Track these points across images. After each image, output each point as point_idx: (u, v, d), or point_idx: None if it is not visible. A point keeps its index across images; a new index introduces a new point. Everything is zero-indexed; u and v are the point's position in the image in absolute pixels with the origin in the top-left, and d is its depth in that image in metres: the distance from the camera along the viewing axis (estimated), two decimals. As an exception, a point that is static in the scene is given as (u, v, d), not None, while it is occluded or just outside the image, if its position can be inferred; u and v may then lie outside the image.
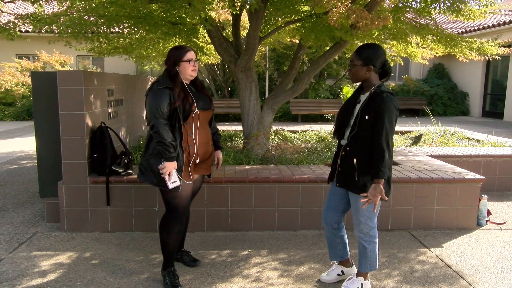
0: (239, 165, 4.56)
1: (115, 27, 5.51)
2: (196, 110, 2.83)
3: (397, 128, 9.02)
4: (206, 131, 2.97)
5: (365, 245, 2.77)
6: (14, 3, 7.03)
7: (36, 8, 7.62)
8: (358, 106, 2.70)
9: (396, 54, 6.79)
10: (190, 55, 2.87)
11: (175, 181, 2.75)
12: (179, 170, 2.78)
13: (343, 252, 2.98)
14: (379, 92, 2.58)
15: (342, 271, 3.02)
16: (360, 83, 2.77)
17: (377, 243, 2.80)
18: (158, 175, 2.76)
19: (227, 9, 6.51)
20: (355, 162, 2.63)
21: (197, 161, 2.90)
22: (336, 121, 2.85)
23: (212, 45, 6.06)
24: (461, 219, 4.12)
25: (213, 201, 3.95)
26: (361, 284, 2.81)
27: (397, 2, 5.03)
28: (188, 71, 2.86)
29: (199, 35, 6.37)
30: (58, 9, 5.70)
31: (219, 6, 5.49)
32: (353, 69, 2.67)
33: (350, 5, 3.69)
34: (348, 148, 2.68)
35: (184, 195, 2.88)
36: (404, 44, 5.82)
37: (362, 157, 2.62)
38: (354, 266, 3.05)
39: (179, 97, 2.77)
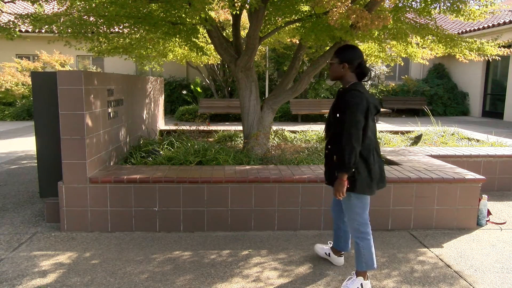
0: (239, 165, 4.56)
1: (115, 27, 5.50)
2: None
3: (397, 128, 9.04)
4: None
5: (357, 242, 2.84)
6: (14, 3, 7.04)
7: (36, 8, 7.63)
8: None
9: (396, 54, 6.79)
10: None
11: None
12: None
13: (344, 245, 3.22)
14: (346, 89, 2.73)
15: (329, 254, 3.30)
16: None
17: (370, 240, 2.83)
18: None
19: (227, 9, 6.51)
20: (335, 159, 2.73)
21: None
22: (326, 122, 2.99)
23: (212, 45, 6.06)
24: (461, 219, 4.12)
25: (213, 201, 3.95)
26: (361, 284, 2.82)
27: (397, 2, 5.03)
28: None
29: (199, 35, 6.36)
30: (58, 9, 5.70)
31: (219, 6, 5.49)
32: (331, 67, 2.83)
33: (350, 5, 3.69)
34: (329, 146, 2.84)
35: None
36: (404, 44, 5.81)
37: None
38: (340, 259, 3.26)
39: None
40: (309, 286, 2.95)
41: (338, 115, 2.69)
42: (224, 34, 7.31)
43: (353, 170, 2.67)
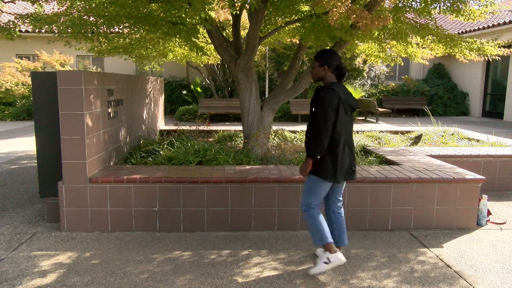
0: (239, 165, 4.56)
1: (115, 27, 5.51)
2: None
3: (397, 128, 9.03)
4: None
5: (304, 216, 3.13)
6: (14, 3, 7.04)
7: (36, 8, 7.63)
8: None
9: (396, 54, 6.79)
10: None
11: None
12: None
13: (338, 237, 3.25)
14: (322, 87, 3.04)
15: (328, 258, 3.02)
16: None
17: (315, 215, 3.06)
18: None
19: (227, 9, 6.51)
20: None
21: None
22: None
23: (212, 45, 6.06)
24: (461, 219, 4.12)
25: (213, 201, 3.95)
26: (327, 258, 2.99)
27: (397, 2, 5.03)
28: None
29: (199, 35, 6.37)
30: (58, 9, 5.70)
31: (219, 6, 5.50)
32: (312, 70, 3.14)
33: (350, 5, 3.69)
34: (308, 135, 3.10)
35: None
36: (404, 44, 5.81)
37: None
38: (338, 254, 3.03)
39: None
40: (309, 286, 2.96)
41: (313, 109, 3.02)
42: (224, 34, 7.31)
43: (319, 157, 2.98)
